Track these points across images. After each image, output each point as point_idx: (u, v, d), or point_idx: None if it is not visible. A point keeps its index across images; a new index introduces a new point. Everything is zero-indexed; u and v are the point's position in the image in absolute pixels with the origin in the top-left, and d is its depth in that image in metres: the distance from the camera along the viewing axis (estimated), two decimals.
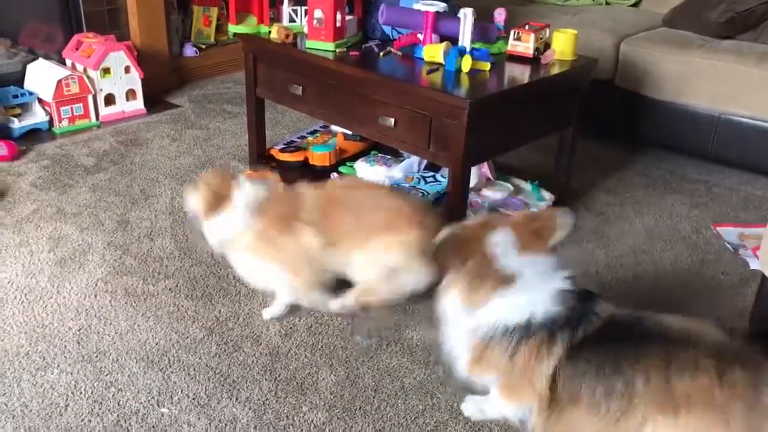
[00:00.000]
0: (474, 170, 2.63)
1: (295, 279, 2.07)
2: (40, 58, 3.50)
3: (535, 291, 1.58)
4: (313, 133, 3.26)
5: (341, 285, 2.14)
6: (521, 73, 2.48)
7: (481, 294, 1.59)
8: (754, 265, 2.50)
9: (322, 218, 2.05)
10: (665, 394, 1.44)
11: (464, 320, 1.63)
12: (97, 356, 1.98)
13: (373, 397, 1.88)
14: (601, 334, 1.54)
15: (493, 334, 1.59)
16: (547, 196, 2.80)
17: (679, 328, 1.52)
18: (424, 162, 2.91)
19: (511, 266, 1.58)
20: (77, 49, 3.49)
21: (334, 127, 3.23)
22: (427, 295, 2.12)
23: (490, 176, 2.84)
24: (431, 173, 2.86)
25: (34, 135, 3.30)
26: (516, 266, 1.58)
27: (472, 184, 2.61)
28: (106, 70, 3.44)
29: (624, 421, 1.48)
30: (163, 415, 1.79)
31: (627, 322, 1.57)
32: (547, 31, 2.60)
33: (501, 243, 1.60)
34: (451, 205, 2.36)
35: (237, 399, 1.85)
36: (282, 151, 3.04)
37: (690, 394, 1.43)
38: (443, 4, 2.52)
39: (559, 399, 1.55)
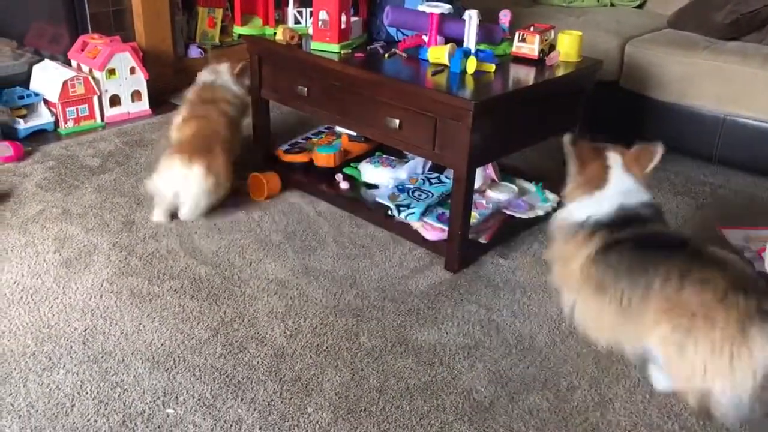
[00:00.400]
0: (479, 171, 2.63)
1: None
2: (46, 59, 3.51)
3: (604, 201, 1.91)
4: (317, 134, 3.27)
5: None
6: (526, 75, 2.48)
7: (576, 193, 1.99)
8: (759, 267, 2.50)
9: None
10: (674, 300, 1.69)
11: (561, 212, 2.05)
12: (102, 357, 1.98)
13: (378, 398, 1.88)
14: (642, 240, 1.83)
15: (564, 225, 1.99)
16: (552, 197, 2.80)
17: (715, 254, 1.76)
18: (429, 163, 2.91)
19: (614, 179, 1.94)
20: (83, 50, 3.51)
21: (338, 129, 3.23)
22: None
23: (495, 177, 2.85)
24: (436, 174, 2.87)
25: (39, 136, 3.31)
26: (616, 181, 1.94)
27: (476, 185, 2.62)
28: (112, 71, 3.45)
29: (640, 316, 1.75)
30: (168, 416, 1.79)
31: (671, 237, 1.89)
32: (552, 32, 2.60)
33: (612, 160, 1.97)
34: (456, 206, 2.37)
35: (242, 400, 1.85)
36: (287, 152, 3.05)
37: (692, 304, 1.66)
38: (448, 6, 2.52)
39: (589, 285, 1.86)
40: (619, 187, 1.92)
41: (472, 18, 2.41)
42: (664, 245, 1.82)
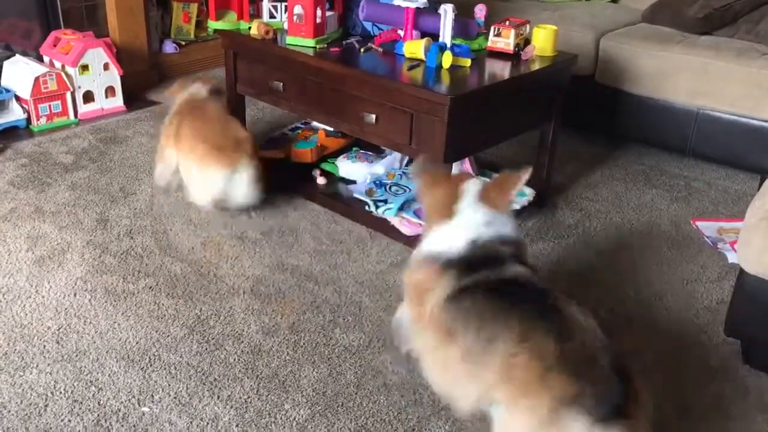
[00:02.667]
0: (456, 166, 2.63)
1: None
2: (17, 55, 3.45)
3: (454, 235, 1.70)
4: (294, 129, 3.25)
5: None
6: (501, 69, 2.48)
7: (428, 224, 1.79)
8: (732, 258, 2.53)
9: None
10: (508, 364, 1.46)
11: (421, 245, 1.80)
12: (76, 356, 1.96)
13: (356, 394, 1.88)
14: (495, 286, 1.59)
15: (419, 258, 1.75)
16: (528, 191, 2.81)
17: (567, 316, 1.50)
18: (406, 158, 2.91)
19: (464, 209, 1.72)
20: (55, 45, 3.46)
21: (315, 124, 3.22)
22: None
23: (472, 172, 2.85)
24: None
25: (11, 133, 3.26)
26: (467, 211, 1.72)
27: None
28: (85, 67, 3.40)
29: (480, 373, 1.51)
30: (143, 414, 1.78)
31: (527, 286, 1.60)
32: (528, 27, 2.61)
33: (468, 189, 1.75)
34: None
35: (218, 397, 1.84)
36: (263, 147, 3.03)
37: (521, 374, 1.44)
38: (423, 0, 2.52)
39: (442, 326, 1.61)
40: (469, 219, 1.70)
41: (447, 12, 2.41)
42: (519, 294, 1.57)
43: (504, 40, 2.54)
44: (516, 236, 1.72)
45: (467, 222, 1.70)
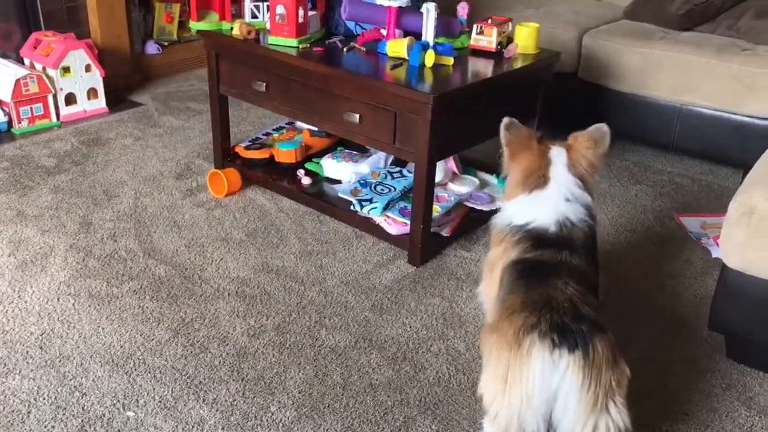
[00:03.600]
0: (440, 165, 2.63)
1: None
2: None
3: (544, 206, 1.69)
4: (278, 129, 3.24)
5: None
6: (484, 68, 2.49)
7: (514, 192, 1.76)
8: (715, 253, 2.55)
9: None
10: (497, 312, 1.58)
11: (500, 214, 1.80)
12: (60, 361, 1.94)
13: (342, 395, 1.87)
14: (543, 263, 1.61)
15: (499, 225, 1.75)
16: None
17: (551, 281, 1.53)
18: (391, 157, 2.91)
19: (553, 179, 1.71)
20: (35, 47, 3.43)
21: (299, 124, 3.21)
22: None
23: (457, 170, 2.85)
24: (398, 168, 2.86)
25: None
26: (556, 182, 1.71)
27: (438, 178, 2.62)
28: (66, 69, 3.37)
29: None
30: (128, 419, 1.77)
31: (571, 267, 1.59)
32: (510, 25, 2.61)
33: (556, 156, 1.74)
34: (417, 200, 2.37)
35: (204, 400, 1.83)
36: (247, 148, 3.02)
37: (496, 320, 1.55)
38: None
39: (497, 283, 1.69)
40: (557, 191, 1.70)
41: (429, 11, 2.41)
42: (542, 273, 1.59)
43: (486, 38, 2.54)
44: (589, 222, 1.69)
45: (555, 196, 1.70)
